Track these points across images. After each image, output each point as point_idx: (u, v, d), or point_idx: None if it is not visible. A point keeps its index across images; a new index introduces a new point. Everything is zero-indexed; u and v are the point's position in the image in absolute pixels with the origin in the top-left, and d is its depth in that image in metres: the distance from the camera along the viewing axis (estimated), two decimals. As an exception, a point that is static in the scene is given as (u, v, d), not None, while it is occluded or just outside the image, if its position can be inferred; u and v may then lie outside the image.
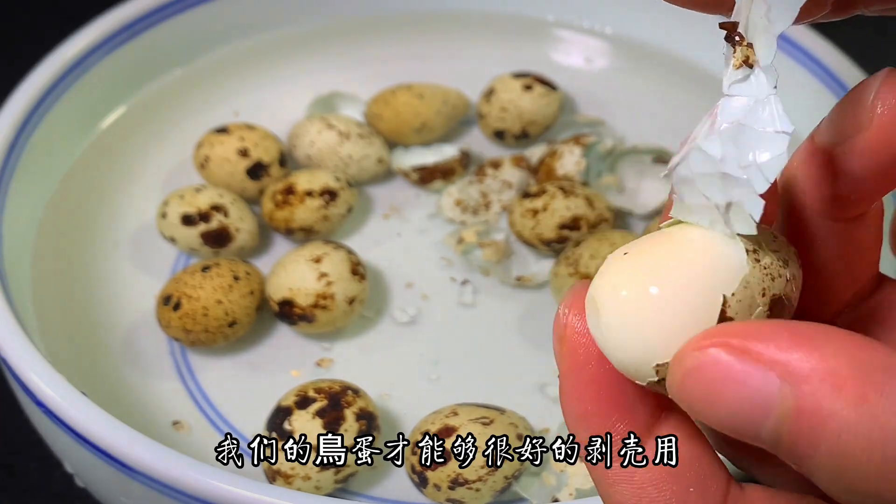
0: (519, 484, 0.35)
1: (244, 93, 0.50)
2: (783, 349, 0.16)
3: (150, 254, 0.44)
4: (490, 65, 0.50)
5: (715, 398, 0.16)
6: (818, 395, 0.15)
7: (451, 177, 0.46)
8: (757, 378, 0.16)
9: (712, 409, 0.16)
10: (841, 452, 0.15)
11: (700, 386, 0.16)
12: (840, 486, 0.15)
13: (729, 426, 0.16)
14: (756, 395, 0.16)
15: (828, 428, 0.15)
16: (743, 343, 0.16)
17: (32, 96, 0.42)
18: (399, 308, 0.42)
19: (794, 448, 0.16)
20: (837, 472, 0.15)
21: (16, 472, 0.39)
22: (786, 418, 0.15)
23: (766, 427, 0.16)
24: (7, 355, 0.33)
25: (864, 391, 0.15)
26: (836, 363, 0.15)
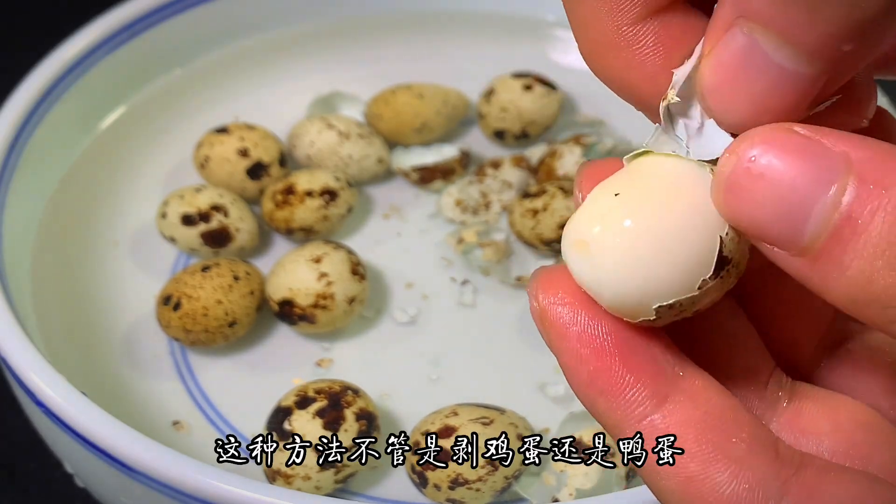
0: (519, 484, 0.35)
1: (244, 93, 0.50)
2: (843, 138, 0.16)
3: (150, 254, 0.44)
4: (490, 65, 0.50)
5: (771, 184, 0.16)
6: (880, 171, 0.15)
7: (451, 177, 0.46)
8: (821, 158, 0.16)
9: (768, 200, 0.16)
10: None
11: (760, 173, 0.16)
12: (882, 259, 0.15)
13: (777, 211, 0.16)
14: (818, 173, 0.16)
15: (890, 195, 0.15)
16: (805, 130, 0.16)
17: (32, 96, 0.42)
18: (399, 308, 0.42)
19: (843, 226, 0.16)
20: (887, 243, 0.15)
21: (16, 472, 0.39)
22: (846, 192, 0.15)
23: (821, 206, 0.16)
24: (7, 355, 0.33)
25: None
26: (893, 148, 0.16)
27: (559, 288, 0.19)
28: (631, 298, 0.18)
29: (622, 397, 0.18)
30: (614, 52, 0.19)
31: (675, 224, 0.18)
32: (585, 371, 0.18)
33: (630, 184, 0.18)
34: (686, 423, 0.18)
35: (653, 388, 0.18)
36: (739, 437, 0.18)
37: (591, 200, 0.19)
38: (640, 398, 0.18)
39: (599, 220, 0.18)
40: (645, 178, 0.18)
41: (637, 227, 0.18)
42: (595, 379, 0.18)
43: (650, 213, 0.18)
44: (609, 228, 0.18)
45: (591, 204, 0.19)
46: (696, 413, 0.18)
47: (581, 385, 0.18)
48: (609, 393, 0.18)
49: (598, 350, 0.18)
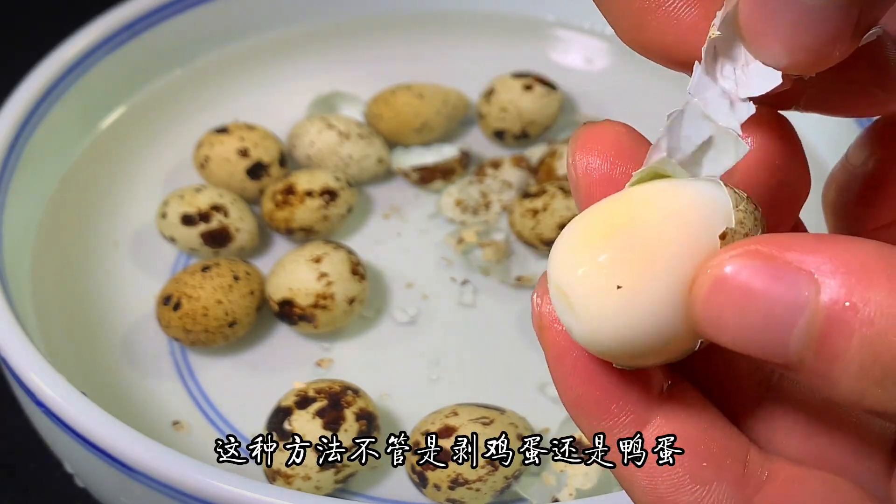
0: (519, 484, 0.35)
1: (244, 93, 0.50)
2: (810, 252, 0.16)
3: (150, 254, 0.44)
4: (490, 65, 0.50)
5: (745, 308, 0.16)
6: (851, 288, 0.15)
7: (451, 177, 0.46)
8: (788, 280, 0.16)
9: (741, 321, 0.16)
10: (874, 338, 0.15)
11: (729, 297, 0.16)
12: (869, 379, 0.15)
13: (759, 338, 0.16)
14: (789, 296, 0.16)
15: (862, 316, 0.15)
16: (770, 250, 0.16)
17: (32, 96, 0.42)
18: (399, 308, 0.42)
19: (823, 349, 0.16)
20: (869, 363, 0.15)
21: (16, 472, 0.39)
22: (818, 315, 0.15)
23: (797, 330, 0.16)
24: (7, 355, 0.33)
25: (894, 282, 0.15)
26: (863, 258, 0.16)
27: None
28: (613, 354, 0.18)
29: (605, 423, 0.19)
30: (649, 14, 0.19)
31: (666, 285, 0.17)
32: (573, 394, 0.19)
33: (625, 242, 0.17)
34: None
35: (635, 417, 0.19)
36: (710, 459, 0.18)
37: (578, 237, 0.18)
38: (621, 424, 0.19)
39: (582, 275, 0.17)
40: (642, 233, 0.17)
41: (623, 292, 0.17)
42: (581, 403, 0.19)
43: (637, 274, 0.17)
44: (592, 286, 0.17)
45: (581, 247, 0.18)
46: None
47: (567, 403, 0.19)
48: (593, 418, 0.19)
49: (589, 381, 0.19)
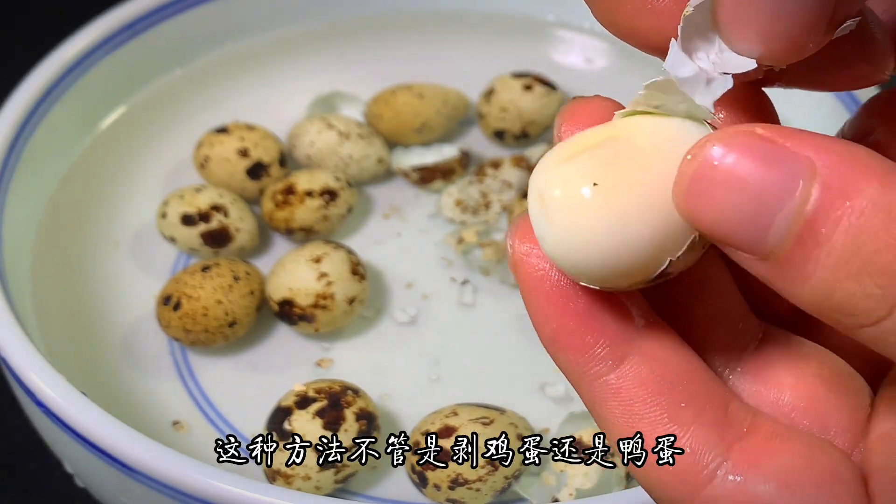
0: (519, 484, 0.35)
1: (244, 93, 0.50)
2: (808, 142, 0.16)
3: (150, 254, 0.44)
4: (490, 65, 0.50)
5: (736, 185, 0.16)
6: (845, 177, 0.15)
7: (451, 177, 0.46)
8: (784, 162, 0.16)
9: (730, 199, 0.16)
10: (861, 229, 0.15)
11: (722, 174, 0.16)
12: (845, 270, 0.15)
13: (741, 220, 0.16)
14: (782, 179, 0.16)
15: (853, 205, 0.15)
16: (768, 133, 0.16)
17: (32, 96, 0.42)
18: (399, 308, 0.42)
19: (805, 235, 0.15)
20: (850, 253, 0.15)
21: (16, 472, 0.39)
22: (808, 200, 0.15)
23: (784, 214, 0.16)
24: (7, 355, 0.33)
25: (887, 177, 0.15)
26: (860, 155, 0.15)
27: (535, 239, 0.19)
28: (584, 267, 0.18)
29: (581, 356, 0.19)
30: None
31: (647, 205, 0.17)
32: (549, 328, 0.19)
33: (607, 151, 0.18)
34: (638, 385, 0.18)
35: (611, 350, 0.18)
36: (689, 401, 0.18)
37: (566, 153, 0.18)
38: (597, 358, 0.18)
39: (561, 175, 0.17)
40: (625, 147, 0.18)
41: (604, 205, 0.17)
42: (557, 336, 0.19)
43: (620, 192, 0.17)
44: (570, 187, 0.17)
45: (564, 158, 0.18)
46: (649, 376, 0.18)
47: (544, 339, 0.19)
48: (569, 351, 0.19)
49: (564, 309, 0.19)
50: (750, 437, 0.18)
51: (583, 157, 0.17)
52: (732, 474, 0.17)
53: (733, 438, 0.18)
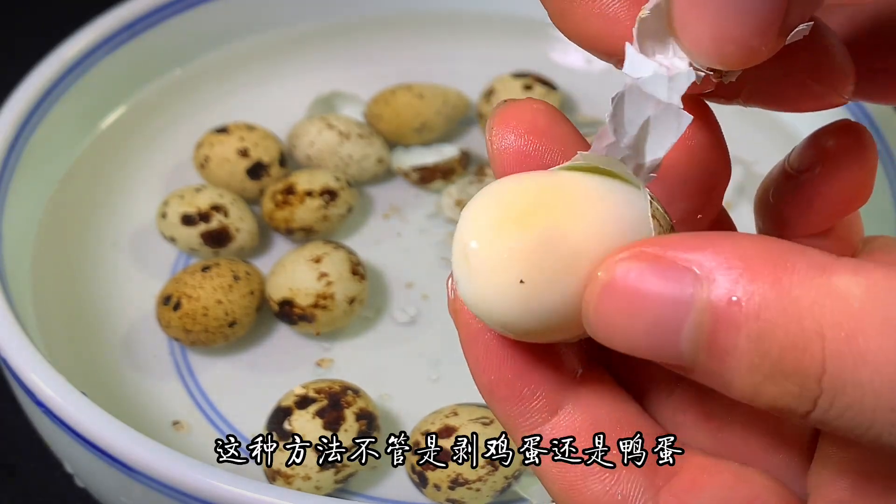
0: (519, 484, 0.35)
1: (244, 93, 0.50)
2: (694, 250, 0.16)
3: (150, 254, 0.44)
4: (490, 65, 0.50)
5: (635, 308, 0.16)
6: (735, 283, 0.15)
7: (451, 177, 0.46)
8: (675, 278, 0.16)
9: (632, 323, 0.16)
10: (761, 333, 0.15)
11: (619, 301, 0.16)
12: (763, 371, 0.15)
13: (649, 341, 0.16)
14: (675, 296, 0.16)
15: (747, 311, 0.15)
16: (655, 250, 0.16)
17: (32, 96, 0.42)
18: (399, 308, 0.42)
19: (713, 345, 0.15)
20: (758, 358, 0.15)
21: (16, 472, 0.39)
22: (705, 312, 0.15)
23: (686, 329, 0.16)
24: (7, 355, 0.33)
25: (777, 274, 0.15)
26: (748, 252, 0.16)
27: None
28: (507, 328, 0.18)
29: (517, 407, 0.19)
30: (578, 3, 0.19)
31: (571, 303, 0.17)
32: (486, 378, 0.19)
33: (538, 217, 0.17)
34: (573, 434, 0.19)
35: (546, 401, 0.19)
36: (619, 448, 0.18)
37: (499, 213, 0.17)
38: (533, 409, 0.19)
39: (492, 264, 0.17)
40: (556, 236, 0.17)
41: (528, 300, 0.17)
42: (495, 388, 0.19)
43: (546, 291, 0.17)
44: (499, 283, 0.17)
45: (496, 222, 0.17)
46: (583, 425, 0.19)
47: (481, 389, 0.19)
48: (505, 402, 0.19)
49: (502, 362, 0.19)
50: (678, 477, 0.18)
51: (515, 235, 0.17)
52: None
53: (662, 480, 0.18)
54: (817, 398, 0.15)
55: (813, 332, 0.15)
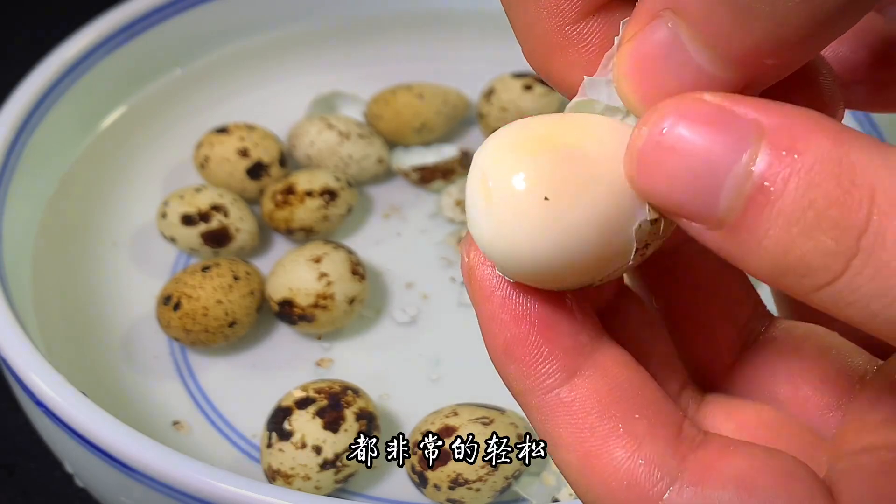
0: (519, 484, 0.35)
1: (244, 93, 0.50)
2: (756, 105, 0.16)
3: (150, 254, 0.44)
4: (490, 65, 0.50)
5: (687, 150, 0.16)
6: (794, 136, 0.15)
7: (451, 177, 0.46)
8: (732, 123, 0.15)
9: (681, 164, 0.16)
10: (811, 183, 0.15)
11: (673, 140, 0.16)
12: (797, 227, 0.15)
13: (693, 185, 0.16)
14: (730, 141, 0.15)
15: (802, 162, 0.15)
16: (718, 98, 0.16)
17: (32, 96, 0.42)
18: (399, 308, 0.42)
19: (756, 196, 0.15)
20: (801, 210, 0.15)
21: (16, 472, 0.39)
22: (759, 159, 0.15)
23: (734, 176, 0.15)
24: (7, 355, 0.33)
25: (839, 137, 0.15)
26: (811, 117, 0.15)
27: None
28: (525, 274, 0.17)
29: (534, 368, 0.18)
30: (558, 52, 0.19)
31: (595, 223, 0.17)
32: (502, 337, 0.18)
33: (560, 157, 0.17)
34: (591, 397, 0.18)
35: (565, 362, 0.18)
36: (643, 414, 0.18)
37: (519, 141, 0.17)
38: (551, 370, 0.18)
39: (515, 185, 0.17)
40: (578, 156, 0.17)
41: (553, 220, 0.17)
42: (510, 346, 0.18)
43: (570, 210, 0.17)
44: (522, 206, 0.17)
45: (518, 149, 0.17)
46: (603, 388, 0.18)
47: (496, 349, 0.18)
48: (522, 362, 0.18)
49: (518, 318, 0.18)
50: (703, 448, 0.18)
51: (536, 159, 0.17)
52: (689, 485, 0.17)
53: (687, 451, 0.18)
54: (852, 257, 0.15)
55: (865, 189, 0.15)
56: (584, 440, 0.18)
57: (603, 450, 0.17)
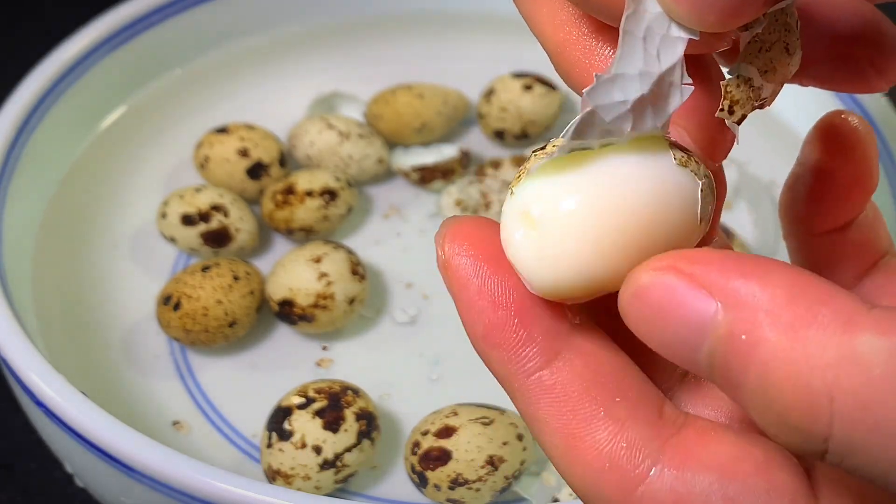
0: (519, 484, 0.35)
1: (244, 93, 0.50)
2: (727, 276, 0.16)
3: (150, 254, 0.44)
4: (490, 65, 0.50)
5: (659, 319, 0.16)
6: (751, 321, 0.15)
7: (451, 177, 0.46)
8: (699, 302, 0.16)
9: (656, 330, 0.17)
10: (768, 381, 0.15)
11: (647, 307, 0.17)
12: (769, 417, 0.15)
13: (670, 349, 0.16)
14: (696, 318, 0.16)
15: (757, 354, 0.15)
16: (690, 268, 0.16)
17: (32, 96, 0.42)
18: (399, 308, 0.42)
19: (725, 374, 0.16)
20: (766, 402, 0.15)
21: (16, 472, 0.39)
22: (719, 342, 0.16)
23: (703, 351, 0.16)
24: (7, 355, 0.33)
25: (796, 321, 0.15)
26: (774, 293, 0.15)
27: (465, 240, 0.19)
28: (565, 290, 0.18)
29: (514, 352, 0.18)
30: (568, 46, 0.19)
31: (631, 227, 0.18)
32: (481, 324, 0.19)
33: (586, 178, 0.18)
34: (573, 381, 0.18)
35: (544, 345, 0.18)
36: (624, 396, 0.18)
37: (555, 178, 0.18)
38: (530, 354, 0.18)
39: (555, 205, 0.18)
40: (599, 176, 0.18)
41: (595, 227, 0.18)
42: (490, 332, 0.19)
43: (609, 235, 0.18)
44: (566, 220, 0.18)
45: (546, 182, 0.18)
46: (584, 371, 0.18)
47: (476, 336, 0.19)
48: (501, 347, 0.18)
49: (495, 304, 0.18)
50: (684, 432, 0.18)
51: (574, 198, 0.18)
52: (669, 468, 0.17)
53: (668, 434, 0.18)
54: (824, 452, 0.15)
55: (822, 394, 0.15)
56: (566, 423, 0.18)
57: (585, 432, 0.18)
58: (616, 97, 0.18)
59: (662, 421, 0.18)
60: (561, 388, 0.18)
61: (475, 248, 0.19)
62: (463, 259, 0.19)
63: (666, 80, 0.18)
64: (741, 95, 0.19)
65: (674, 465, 0.17)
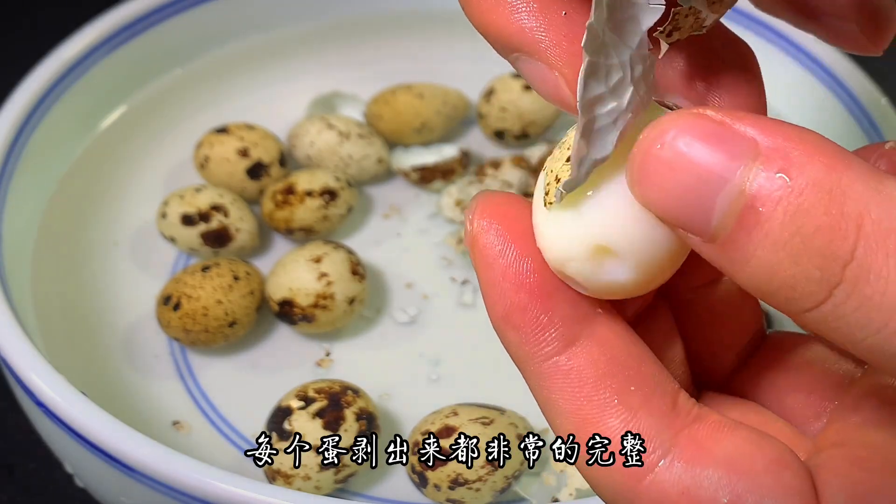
0: (519, 484, 0.35)
1: (244, 93, 0.50)
2: (758, 123, 0.16)
3: (150, 254, 0.44)
4: (490, 65, 0.50)
5: (682, 165, 0.16)
6: (787, 160, 0.15)
7: (451, 177, 0.46)
8: (729, 144, 0.16)
9: (676, 178, 0.16)
10: (800, 208, 0.15)
11: (669, 155, 0.16)
12: (783, 251, 0.15)
13: (685, 203, 0.16)
14: (724, 160, 0.16)
15: (793, 186, 0.15)
16: (719, 114, 0.16)
17: (32, 96, 0.42)
18: (399, 308, 0.42)
19: (746, 214, 0.15)
20: (789, 233, 0.15)
21: (16, 472, 0.39)
22: (750, 180, 0.15)
23: (726, 194, 0.16)
24: (7, 355, 0.33)
25: (833, 163, 0.15)
26: (808, 139, 0.15)
27: (497, 217, 0.19)
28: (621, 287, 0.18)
29: (532, 335, 0.18)
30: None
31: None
32: (503, 304, 0.19)
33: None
34: (589, 367, 0.18)
35: (563, 330, 0.18)
36: (639, 385, 0.18)
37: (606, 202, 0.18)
38: (549, 338, 0.18)
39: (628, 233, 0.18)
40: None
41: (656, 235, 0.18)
42: (511, 313, 0.18)
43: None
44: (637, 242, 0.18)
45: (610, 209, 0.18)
46: (601, 358, 0.18)
47: (496, 316, 0.19)
48: (522, 329, 0.18)
49: (519, 286, 0.18)
50: (696, 425, 0.18)
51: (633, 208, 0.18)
52: (678, 460, 0.17)
53: (681, 426, 0.18)
54: (835, 286, 0.15)
55: (852, 218, 0.15)
56: (579, 408, 0.18)
57: (598, 418, 0.18)
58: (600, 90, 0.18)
59: (675, 412, 0.18)
60: (576, 374, 0.18)
61: (505, 225, 0.19)
62: (492, 236, 0.19)
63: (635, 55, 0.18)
64: (685, 24, 0.19)
65: (684, 457, 0.17)
